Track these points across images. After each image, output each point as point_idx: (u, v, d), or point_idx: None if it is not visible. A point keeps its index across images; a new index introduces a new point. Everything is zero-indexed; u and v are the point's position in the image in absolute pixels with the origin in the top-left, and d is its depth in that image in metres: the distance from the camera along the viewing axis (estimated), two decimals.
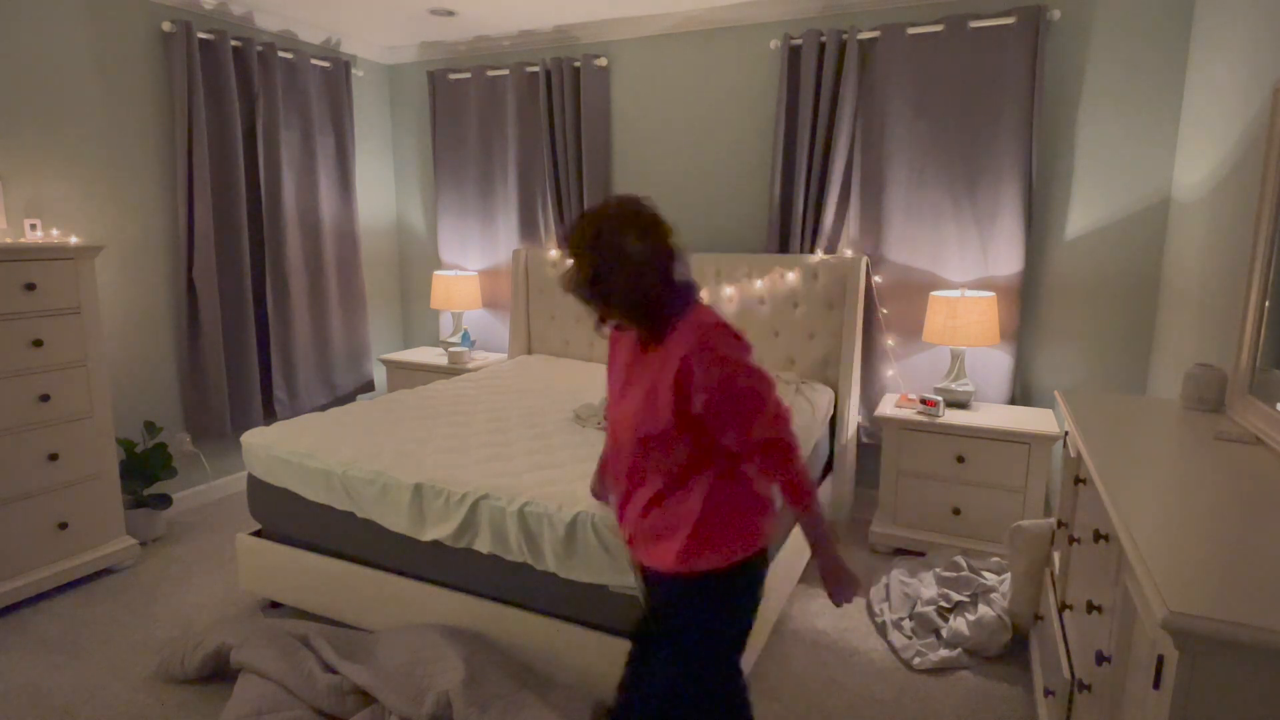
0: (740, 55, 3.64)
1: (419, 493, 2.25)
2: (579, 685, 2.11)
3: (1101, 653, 1.39)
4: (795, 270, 3.46)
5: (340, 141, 4.16)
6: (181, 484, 3.68)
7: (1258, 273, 1.85)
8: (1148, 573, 1.07)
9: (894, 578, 2.83)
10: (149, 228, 3.44)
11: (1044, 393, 3.30)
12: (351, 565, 2.46)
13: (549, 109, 3.96)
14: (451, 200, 4.42)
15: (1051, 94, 3.09)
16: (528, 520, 2.08)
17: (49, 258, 2.73)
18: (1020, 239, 3.14)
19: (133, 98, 3.32)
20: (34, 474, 2.75)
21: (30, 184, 3.01)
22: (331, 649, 2.23)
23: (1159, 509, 1.31)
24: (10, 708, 2.19)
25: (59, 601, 2.79)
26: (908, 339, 3.46)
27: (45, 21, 3.01)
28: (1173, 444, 1.71)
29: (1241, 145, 2.20)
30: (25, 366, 2.70)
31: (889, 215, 3.39)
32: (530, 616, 2.17)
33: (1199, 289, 2.49)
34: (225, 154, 3.60)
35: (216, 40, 3.49)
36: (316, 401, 4.13)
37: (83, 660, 2.42)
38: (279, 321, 3.92)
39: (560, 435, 2.67)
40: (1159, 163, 2.97)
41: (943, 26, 3.14)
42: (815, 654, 2.48)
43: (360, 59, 4.41)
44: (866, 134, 3.37)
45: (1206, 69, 2.62)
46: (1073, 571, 1.88)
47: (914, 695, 2.28)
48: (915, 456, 3.13)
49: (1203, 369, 2.00)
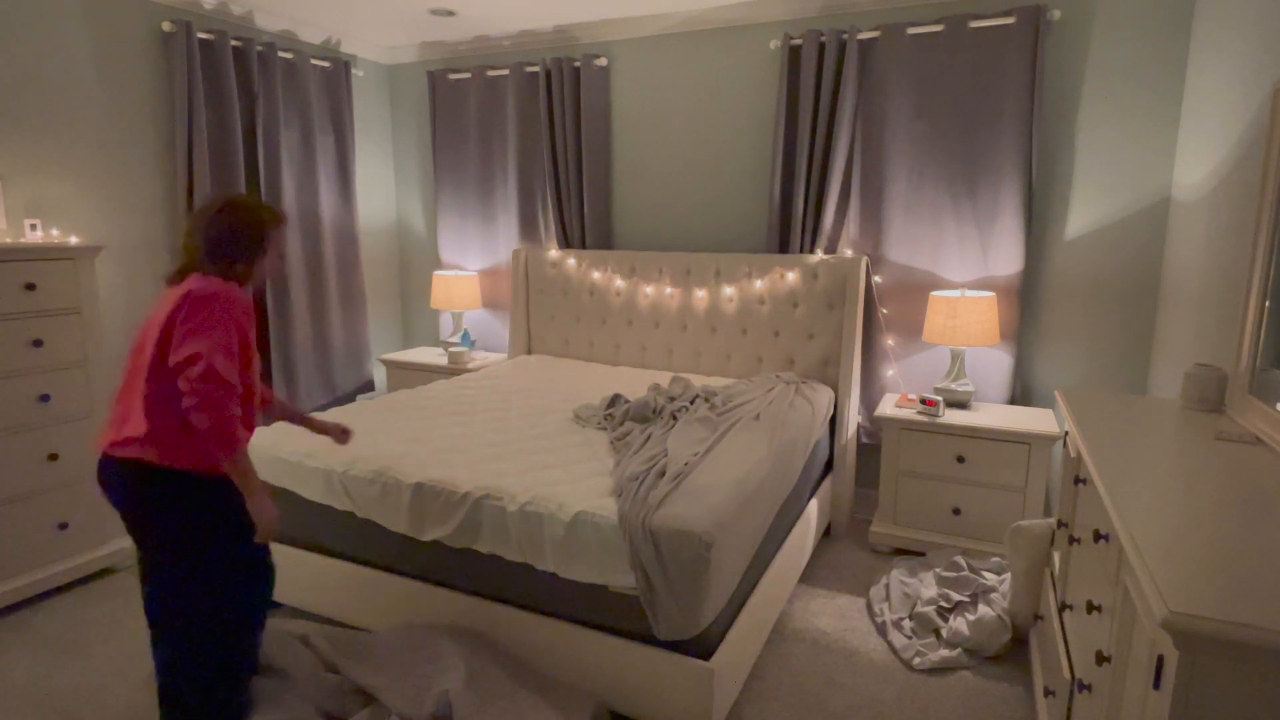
0: (740, 55, 3.64)
1: (419, 492, 2.25)
2: (579, 685, 2.11)
3: (1101, 653, 1.39)
4: (795, 270, 3.46)
5: (340, 141, 4.16)
6: None
7: (1258, 273, 1.86)
8: (1148, 573, 1.07)
9: (894, 578, 2.83)
10: (149, 228, 3.44)
11: (1044, 393, 3.30)
12: (351, 565, 2.47)
13: (549, 109, 3.97)
14: (451, 200, 4.42)
15: (1051, 94, 3.09)
16: (528, 520, 2.08)
17: (49, 258, 2.73)
18: (1020, 239, 3.14)
19: (133, 98, 3.32)
20: (34, 474, 2.75)
21: (30, 184, 3.01)
22: (332, 648, 2.22)
23: (1159, 509, 1.31)
24: (10, 708, 2.19)
25: (59, 601, 2.79)
26: (908, 339, 3.47)
27: (45, 21, 3.01)
28: (1173, 444, 1.71)
29: (1241, 145, 2.20)
30: (25, 366, 2.70)
31: (889, 215, 3.39)
32: (530, 616, 2.17)
33: (1199, 289, 2.49)
34: (225, 154, 3.60)
35: (216, 40, 3.49)
36: (316, 401, 4.13)
37: (83, 660, 2.42)
38: (279, 321, 3.92)
39: (560, 435, 2.67)
40: (1159, 163, 2.97)
41: (943, 26, 3.14)
42: (815, 654, 2.49)
43: (360, 59, 4.41)
44: (866, 134, 3.37)
45: (1206, 69, 2.62)
46: (1073, 571, 1.88)
47: (914, 695, 2.28)
48: (915, 456, 3.13)
49: (1203, 369, 2.00)
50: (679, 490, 2.07)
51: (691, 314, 3.73)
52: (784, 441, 2.63)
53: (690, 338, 3.74)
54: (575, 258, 3.99)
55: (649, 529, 1.91)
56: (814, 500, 3.04)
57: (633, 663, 2.02)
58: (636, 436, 2.55)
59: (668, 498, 2.02)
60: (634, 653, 2.01)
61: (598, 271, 3.93)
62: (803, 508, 2.92)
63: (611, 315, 3.93)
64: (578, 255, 3.98)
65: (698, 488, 2.10)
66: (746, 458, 2.37)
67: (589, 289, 3.97)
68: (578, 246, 4.06)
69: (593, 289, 3.96)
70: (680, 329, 3.77)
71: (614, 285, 3.90)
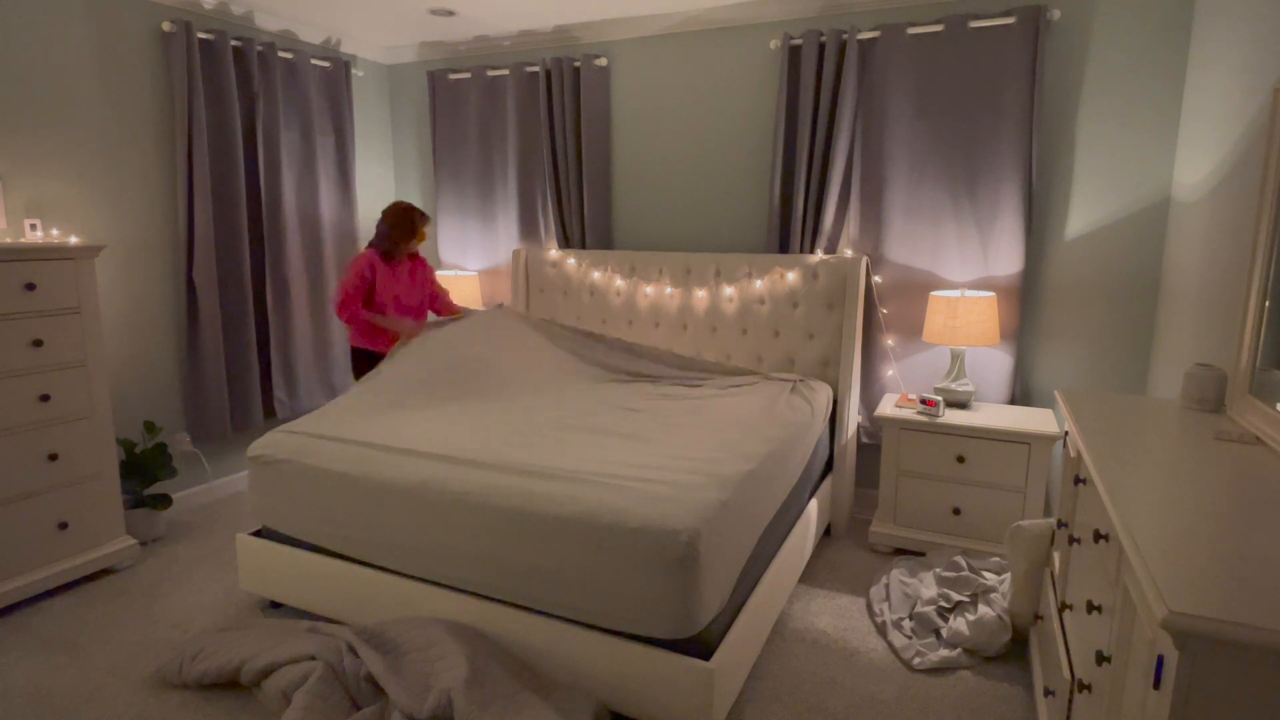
0: (740, 55, 3.64)
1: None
2: (579, 685, 2.11)
3: (1101, 653, 1.39)
4: (795, 270, 3.46)
5: (340, 141, 4.16)
6: (181, 484, 3.69)
7: (1258, 273, 1.85)
8: (1148, 572, 1.07)
9: (894, 578, 2.83)
10: (149, 228, 3.44)
11: (1044, 393, 3.30)
12: (351, 565, 2.47)
13: (549, 109, 3.97)
14: (451, 200, 4.42)
15: (1051, 94, 3.09)
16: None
17: (49, 258, 2.73)
18: (1020, 239, 3.14)
19: (133, 98, 3.32)
20: (34, 474, 2.75)
21: (30, 184, 3.01)
22: (355, 633, 2.24)
23: (1159, 509, 1.31)
24: (10, 708, 2.19)
25: (59, 601, 2.79)
26: (908, 339, 3.47)
27: (45, 21, 3.01)
28: (1173, 444, 1.71)
29: (1241, 145, 2.20)
30: (25, 366, 2.70)
31: (889, 215, 3.39)
32: (532, 617, 2.17)
33: (1199, 289, 2.49)
34: (225, 154, 3.60)
35: (216, 40, 3.49)
36: (316, 402, 4.13)
37: (83, 661, 2.42)
38: (279, 321, 3.92)
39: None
40: (1159, 163, 2.97)
41: (943, 26, 3.14)
42: (815, 654, 2.49)
43: (360, 59, 4.41)
44: (866, 134, 3.37)
45: (1206, 69, 2.62)
46: (1073, 571, 1.88)
47: (914, 695, 2.28)
48: (915, 456, 3.13)
49: (1203, 369, 2.00)
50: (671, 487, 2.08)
51: (691, 314, 3.73)
52: (780, 439, 2.63)
53: (690, 338, 3.75)
54: (575, 258, 3.99)
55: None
56: (814, 500, 3.04)
57: (633, 663, 2.02)
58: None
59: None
60: (634, 653, 2.01)
61: (598, 271, 3.93)
62: (803, 507, 2.92)
63: (612, 315, 3.93)
64: (578, 255, 3.98)
65: (685, 484, 2.10)
66: (737, 454, 2.37)
67: (589, 289, 3.97)
68: (578, 246, 4.06)
69: (593, 289, 3.96)
70: (680, 329, 3.77)
71: (614, 285, 3.90)
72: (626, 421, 2.79)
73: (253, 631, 2.41)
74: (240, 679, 2.22)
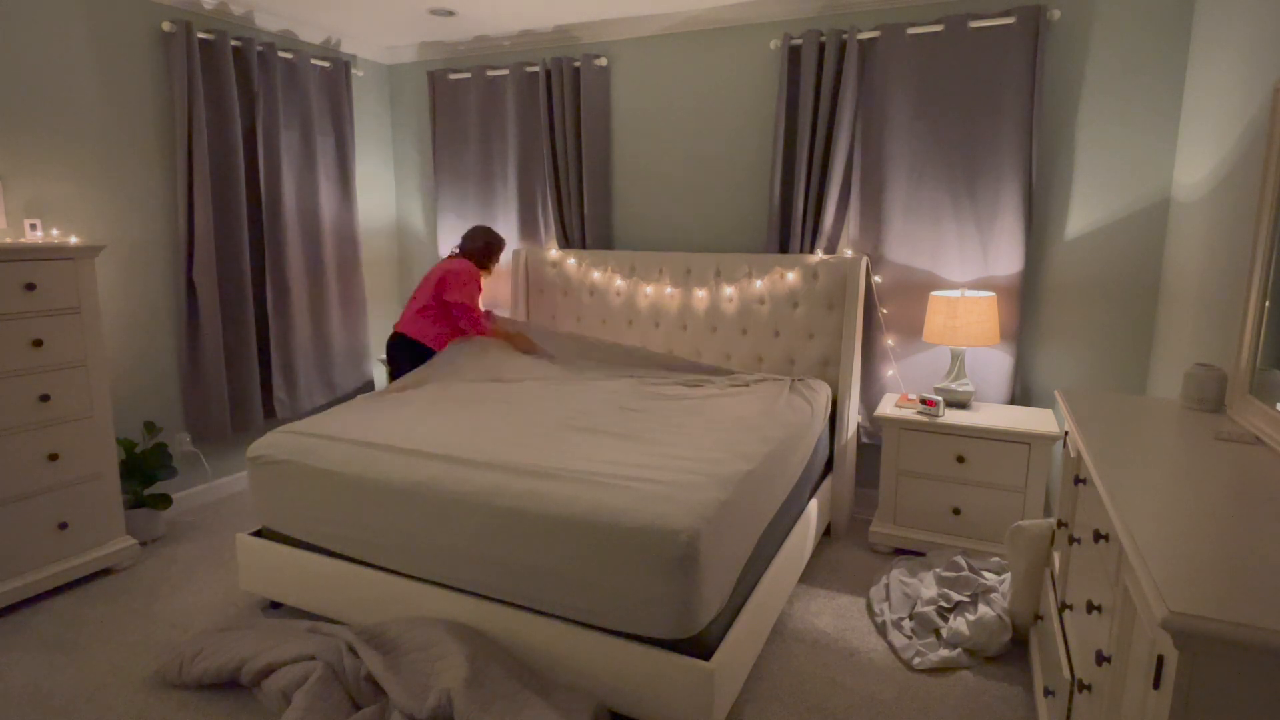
0: (740, 55, 3.64)
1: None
2: (579, 685, 2.11)
3: (1101, 653, 1.39)
4: (795, 270, 3.46)
5: (340, 141, 4.16)
6: (181, 484, 3.69)
7: (1258, 273, 1.85)
8: (1147, 573, 1.07)
9: (894, 578, 2.83)
10: (149, 228, 3.44)
11: (1044, 393, 3.30)
12: (351, 565, 2.47)
13: (549, 109, 3.97)
14: (451, 200, 4.42)
15: (1051, 94, 3.09)
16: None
17: (49, 258, 2.73)
18: (1020, 239, 3.14)
19: (133, 98, 3.32)
20: (34, 474, 2.75)
21: (30, 184, 3.01)
22: (355, 634, 2.24)
23: (1159, 509, 1.31)
24: (10, 708, 2.19)
25: (59, 601, 2.79)
26: (908, 339, 3.47)
27: (45, 21, 3.01)
28: (1173, 444, 1.71)
29: (1241, 145, 2.20)
30: (25, 366, 2.70)
31: (889, 215, 3.39)
32: (532, 617, 2.17)
33: (1199, 289, 2.49)
34: (225, 154, 3.60)
35: (216, 40, 3.49)
36: (316, 402, 4.13)
37: (83, 660, 2.42)
38: (279, 321, 3.92)
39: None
40: (1159, 163, 2.97)
41: (943, 26, 3.14)
42: (815, 654, 2.49)
43: (360, 59, 4.41)
44: (866, 134, 3.37)
45: (1206, 68, 2.62)
46: (1073, 571, 1.88)
47: (914, 695, 2.28)
48: (915, 456, 3.13)
49: (1203, 369, 2.00)
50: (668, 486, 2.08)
51: (691, 314, 3.73)
52: (779, 439, 2.63)
53: (690, 338, 3.75)
54: (575, 257, 3.99)
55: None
56: (814, 500, 3.04)
57: (633, 663, 2.02)
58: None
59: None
60: (634, 653, 2.01)
61: (598, 271, 3.93)
62: (803, 507, 2.92)
63: (612, 315, 3.93)
64: (578, 255, 3.98)
65: (685, 483, 2.10)
66: (736, 454, 2.37)
67: (589, 289, 3.97)
68: (578, 246, 4.06)
69: (593, 289, 3.96)
70: (680, 329, 3.77)
71: (614, 285, 3.90)
72: (626, 421, 2.79)
73: (253, 631, 2.41)
74: (240, 679, 2.22)
